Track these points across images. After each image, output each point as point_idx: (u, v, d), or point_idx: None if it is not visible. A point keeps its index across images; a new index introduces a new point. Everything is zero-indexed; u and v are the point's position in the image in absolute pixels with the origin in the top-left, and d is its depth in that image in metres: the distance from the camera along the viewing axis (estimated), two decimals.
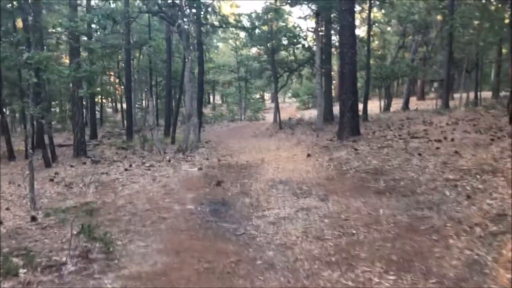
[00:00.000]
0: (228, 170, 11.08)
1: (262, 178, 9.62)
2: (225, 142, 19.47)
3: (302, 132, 20.11)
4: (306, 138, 17.67)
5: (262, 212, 6.79)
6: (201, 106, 17.94)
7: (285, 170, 10.54)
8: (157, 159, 12.54)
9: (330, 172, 9.65)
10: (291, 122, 26.26)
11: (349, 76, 13.35)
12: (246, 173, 10.56)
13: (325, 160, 11.17)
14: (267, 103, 55.73)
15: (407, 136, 14.32)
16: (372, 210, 6.40)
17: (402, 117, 24.73)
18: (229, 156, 13.96)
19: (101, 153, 15.65)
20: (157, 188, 8.72)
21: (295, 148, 15.02)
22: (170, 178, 9.71)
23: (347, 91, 13.38)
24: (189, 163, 11.79)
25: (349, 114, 13.43)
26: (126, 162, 12.80)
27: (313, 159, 11.95)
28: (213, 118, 36.89)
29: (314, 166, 10.77)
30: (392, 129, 17.74)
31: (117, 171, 11.12)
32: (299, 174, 9.76)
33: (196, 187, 8.76)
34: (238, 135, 23.70)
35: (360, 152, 11.00)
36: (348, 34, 13.25)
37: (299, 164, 11.27)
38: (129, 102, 19.57)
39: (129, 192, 8.49)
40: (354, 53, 13.43)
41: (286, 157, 12.99)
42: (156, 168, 11.20)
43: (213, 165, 11.76)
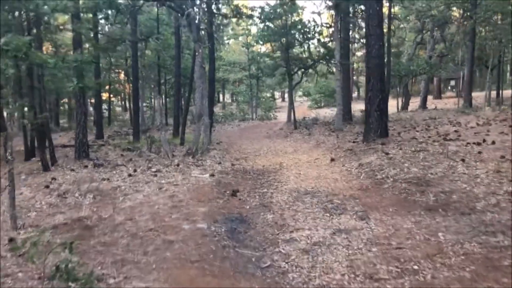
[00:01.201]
0: (244, 176, 9.86)
1: (283, 187, 8.38)
2: (237, 143, 18.25)
3: (319, 133, 18.82)
4: (325, 139, 16.39)
5: (290, 234, 5.55)
6: (212, 104, 16.72)
7: (308, 177, 9.29)
8: (165, 163, 11.34)
9: (362, 181, 8.39)
10: (306, 121, 24.95)
11: (376, 71, 12.04)
12: (264, 180, 9.33)
13: (354, 166, 9.91)
14: (277, 102, 54.57)
15: (439, 138, 13.04)
16: (429, 234, 5.13)
17: (425, 117, 23.41)
18: (243, 159, 12.74)
19: (105, 155, 14.48)
20: (163, 199, 7.51)
21: (314, 151, 13.76)
22: (179, 186, 8.50)
23: (374, 87, 12.07)
24: (199, 168, 10.58)
25: (376, 113, 12.13)
26: (131, 166, 11.61)
27: (339, 164, 10.68)
28: (223, 118, 35.69)
29: (341, 173, 9.50)
30: (418, 130, 16.45)
31: (120, 177, 9.92)
32: (326, 183, 8.50)
33: (208, 198, 7.54)
34: (251, 135, 22.48)
35: (393, 157, 9.70)
36: (375, 24, 11.94)
37: (324, 170, 10.01)
38: (136, 100, 18.42)
39: (131, 204, 7.29)
40: (381, 45, 12.13)
41: (306, 161, 11.74)
42: (163, 173, 9.99)
43: (226, 170, 10.55)
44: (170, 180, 9.12)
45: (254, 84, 38.95)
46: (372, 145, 11.69)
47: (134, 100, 18.68)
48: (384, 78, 12.38)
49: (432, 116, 23.26)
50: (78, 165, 12.51)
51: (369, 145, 11.84)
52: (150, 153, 14.03)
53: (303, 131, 20.52)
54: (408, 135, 14.74)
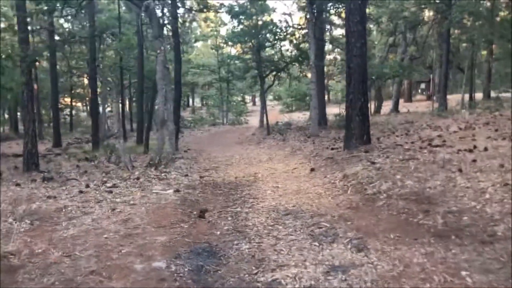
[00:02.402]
0: (214, 191, 8.61)
1: (260, 205, 7.18)
2: (207, 150, 16.99)
3: (294, 139, 17.76)
4: (301, 145, 15.31)
5: (272, 274, 4.33)
6: (178, 109, 15.40)
7: (287, 191, 8.13)
8: (123, 176, 9.97)
9: (350, 196, 7.27)
10: (279, 126, 23.87)
11: (358, 71, 11.01)
12: (237, 196, 8.11)
13: (337, 177, 8.80)
14: (248, 106, 53.57)
15: (423, 144, 12.13)
16: (449, 273, 4.02)
17: (400, 120, 22.71)
18: (213, 170, 11.49)
19: (58, 166, 12.97)
20: (115, 224, 6.19)
21: (291, 159, 12.64)
22: (136, 206, 7.18)
23: (356, 89, 11.04)
24: (163, 181, 9.26)
25: (358, 118, 11.10)
26: (85, 179, 10.20)
27: (320, 175, 9.57)
28: (192, 122, 34.34)
29: (324, 186, 8.38)
30: (398, 135, 15.58)
31: (69, 194, 8.51)
32: (309, 200, 7.35)
33: (171, 222, 6.27)
34: (221, 141, 21.24)
35: (380, 167, 8.64)
36: (356, 20, 10.91)
37: (304, 183, 8.88)
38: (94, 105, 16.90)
39: (75, 232, 5.94)
40: (364, 43, 11.11)
41: (283, 171, 10.59)
42: (120, 189, 8.64)
43: (193, 184, 9.28)
44: (127, 199, 7.79)
45: (225, 87, 37.80)
46: (355, 153, 10.63)
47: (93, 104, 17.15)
48: (367, 80, 11.38)
49: (408, 120, 22.56)
50: (25, 179, 11.00)
51: (351, 152, 10.78)
52: (109, 164, 12.64)
53: (277, 137, 19.43)
54: (389, 140, 13.82)
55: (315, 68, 17.79)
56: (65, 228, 6.21)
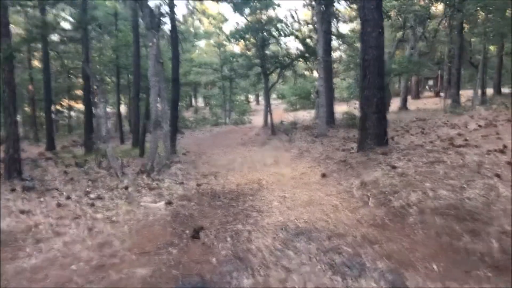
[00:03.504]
0: (212, 203, 7.47)
1: (265, 222, 6.03)
2: (208, 152, 15.85)
3: (301, 139, 16.59)
4: (308, 147, 14.14)
5: None
6: (176, 109, 14.25)
7: (297, 203, 6.98)
8: (111, 185, 8.86)
9: (373, 210, 6.11)
10: (284, 126, 22.70)
11: (374, 64, 9.83)
12: (239, 208, 6.96)
13: (354, 184, 7.64)
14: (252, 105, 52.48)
15: (444, 143, 10.99)
16: None
17: (412, 118, 21.56)
18: (212, 176, 10.34)
19: (44, 173, 11.87)
20: (89, 250, 5.08)
21: (299, 162, 11.49)
22: (118, 224, 6.06)
23: (371, 84, 9.87)
24: (154, 191, 8.13)
25: (375, 116, 9.92)
26: (68, 188, 9.11)
27: (332, 181, 8.41)
28: (194, 123, 33.21)
29: (339, 195, 7.22)
30: (413, 134, 14.43)
31: (46, 208, 7.41)
32: (323, 213, 6.20)
33: (157, 246, 5.15)
34: (223, 142, 20.09)
35: (404, 173, 7.48)
36: (372, 7, 9.74)
37: (315, 191, 7.72)
38: (87, 106, 15.80)
39: (38, 261, 4.84)
40: (381, 33, 9.91)
41: (291, 177, 9.43)
42: (104, 202, 7.53)
43: (189, 194, 8.13)
44: (109, 214, 6.67)
45: (227, 86, 36.67)
46: (371, 155, 9.46)
47: (85, 104, 16.07)
48: (384, 73, 10.21)
49: (420, 117, 21.40)
50: (5, 188, 9.91)
51: (367, 155, 9.61)
52: (99, 170, 11.53)
53: (282, 137, 18.27)
54: (405, 140, 12.67)
55: (323, 63, 16.60)
56: (28, 255, 5.11)
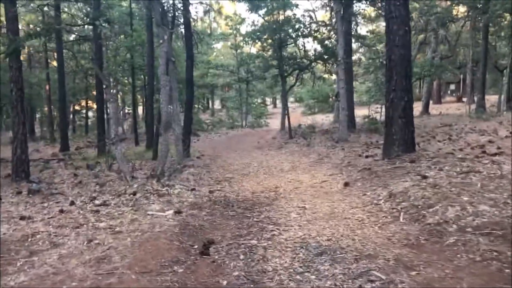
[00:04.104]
0: (224, 212, 6.87)
1: (283, 237, 5.41)
2: (223, 156, 15.28)
3: (320, 143, 15.93)
4: (328, 152, 13.47)
5: None
6: (190, 110, 13.70)
7: (318, 215, 6.34)
8: (118, 190, 8.33)
9: (405, 226, 5.43)
10: (302, 129, 22.04)
11: (400, 64, 9.15)
12: (253, 220, 6.35)
13: (381, 196, 6.97)
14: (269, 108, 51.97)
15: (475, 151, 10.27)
16: None
17: (436, 123, 20.73)
18: (226, 181, 9.76)
19: (53, 175, 11.43)
20: (84, 266, 4.53)
21: (318, 169, 10.83)
22: (121, 236, 5.50)
23: (398, 87, 9.19)
24: (163, 199, 7.56)
25: (401, 120, 9.23)
26: (74, 193, 8.62)
27: (357, 191, 7.75)
28: (210, 125, 32.74)
29: (365, 207, 6.56)
30: (440, 140, 13.68)
31: (47, 214, 6.91)
32: (348, 229, 5.55)
33: (161, 264, 4.57)
34: (239, 146, 19.53)
35: (437, 184, 6.78)
36: (399, 3, 9.07)
37: (338, 202, 7.07)
38: (100, 105, 15.37)
39: (26, 279, 4.30)
40: (407, 30, 9.23)
41: (310, 185, 8.79)
42: (109, 209, 6.99)
43: (200, 202, 7.55)
44: (113, 223, 6.12)
45: (244, 89, 36.17)
46: (398, 163, 8.77)
47: (98, 105, 15.65)
48: (411, 74, 9.52)
49: (445, 123, 20.55)
50: (11, 190, 9.49)
51: (393, 162, 8.92)
52: (110, 173, 11.05)
53: (300, 141, 17.63)
54: (432, 146, 11.93)
55: (344, 64, 15.92)
56: (18, 270, 4.58)
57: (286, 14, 21.83)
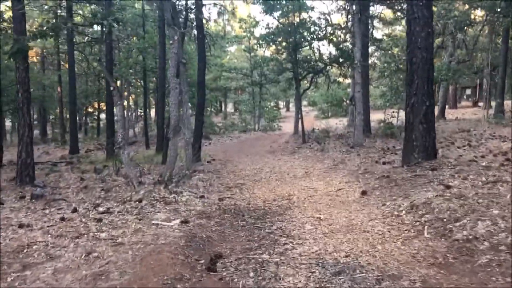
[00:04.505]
0: (234, 223, 6.46)
1: (297, 252, 4.98)
2: (234, 160, 14.88)
3: (334, 149, 15.44)
4: (343, 158, 12.99)
5: None
6: (202, 113, 13.30)
7: (334, 227, 5.89)
8: (124, 197, 7.96)
9: (430, 242, 4.96)
10: (316, 134, 21.56)
11: (422, 67, 8.66)
12: (265, 232, 5.92)
13: (401, 206, 6.48)
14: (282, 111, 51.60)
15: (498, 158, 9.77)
16: None
17: (454, 129, 20.09)
18: (237, 188, 9.35)
19: (59, 179, 11.13)
20: (79, 283, 4.15)
21: (333, 176, 10.36)
22: (122, 248, 5.12)
23: (419, 91, 8.70)
24: (169, 207, 7.17)
25: (422, 126, 8.74)
26: (77, 199, 8.28)
27: (375, 200, 7.28)
28: (223, 128, 32.39)
29: (385, 219, 6.08)
30: (460, 146, 13.12)
31: (47, 222, 6.56)
32: (368, 244, 5.10)
33: (163, 281, 4.16)
34: (251, 150, 19.12)
35: (462, 194, 6.29)
36: (422, 3, 8.59)
37: (355, 213, 6.61)
38: (109, 108, 15.08)
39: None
40: (430, 32, 8.74)
41: (325, 193, 8.34)
42: (112, 217, 6.62)
43: (209, 210, 7.14)
44: (115, 233, 5.74)
45: (257, 92, 35.80)
46: (419, 171, 8.28)
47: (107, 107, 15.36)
48: (433, 79, 9.03)
49: (463, 128, 19.92)
50: (14, 195, 9.20)
51: (413, 170, 8.43)
52: (116, 177, 10.71)
53: (314, 146, 17.16)
54: (451, 153, 11.38)
55: (360, 68, 15.43)
56: (8, 287, 4.20)
57: (301, 17, 21.43)
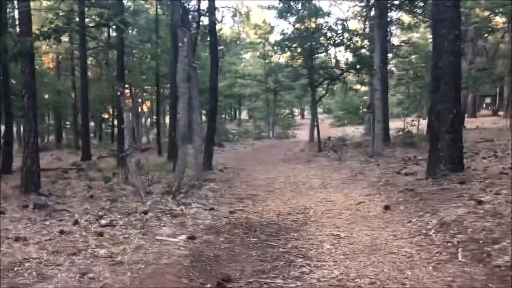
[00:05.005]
0: (245, 239, 5.92)
1: (314, 277, 4.43)
2: (247, 169, 14.36)
3: (352, 158, 14.86)
4: (362, 168, 12.40)
5: None
6: (214, 120, 12.82)
7: (356, 247, 5.32)
8: (130, 207, 7.50)
9: (467, 268, 4.38)
10: (332, 142, 20.97)
11: (449, 73, 8.09)
12: (279, 250, 5.38)
13: (431, 225, 5.88)
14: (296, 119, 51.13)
15: None
16: None
17: (476, 138, 19.34)
18: (249, 199, 8.83)
19: (66, 186, 10.73)
20: None
21: (352, 187, 9.78)
22: (121, 268, 4.63)
23: (446, 97, 8.12)
24: (176, 220, 6.68)
25: (449, 135, 8.15)
26: (81, 209, 7.84)
27: (400, 216, 6.68)
28: (236, 135, 31.99)
29: (412, 239, 5.49)
30: (485, 157, 12.44)
31: (46, 236, 6.11)
32: (395, 268, 4.52)
33: None
34: (265, 158, 18.61)
35: (497, 211, 5.69)
36: (449, 4, 8.03)
37: (379, 230, 6.03)
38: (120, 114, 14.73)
39: None
40: (458, 35, 8.17)
41: (344, 207, 7.77)
42: (115, 230, 6.15)
43: (219, 224, 6.63)
44: (115, 250, 5.25)
45: (272, 99, 35.37)
46: (446, 184, 7.68)
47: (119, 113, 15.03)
48: (460, 84, 8.43)
49: (485, 138, 19.17)
50: (17, 203, 8.78)
51: (440, 183, 7.83)
52: (125, 186, 10.30)
53: (330, 155, 16.59)
54: (477, 164, 10.72)
55: (380, 74, 14.85)
56: None
57: (317, 22, 20.95)
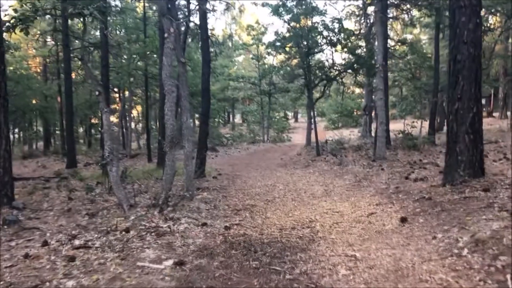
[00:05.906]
0: (243, 263, 4.98)
1: None
2: (243, 176, 13.43)
3: (354, 162, 13.96)
4: (366, 173, 11.52)
5: None
6: (207, 123, 11.83)
7: (378, 274, 4.40)
8: (109, 225, 6.55)
9: None
10: (331, 145, 20.10)
11: (469, 67, 7.22)
12: (286, 278, 4.45)
13: (462, 242, 4.97)
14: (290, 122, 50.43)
15: None
16: None
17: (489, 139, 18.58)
18: (247, 211, 7.90)
19: (44, 198, 9.75)
20: None
21: (358, 195, 8.89)
22: None
23: (465, 94, 7.25)
24: (162, 240, 5.73)
25: (468, 137, 7.28)
26: (55, 226, 6.88)
27: (420, 231, 5.77)
28: (230, 140, 31.04)
29: (445, 262, 4.58)
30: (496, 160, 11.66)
31: (9, 260, 5.16)
32: None
33: None
34: (261, 163, 17.69)
35: None
36: None
37: (401, 249, 5.12)
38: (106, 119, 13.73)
39: None
40: (479, 24, 7.31)
41: (354, 218, 6.86)
42: (90, 254, 5.21)
43: (212, 245, 5.69)
44: (86, 282, 4.30)
45: (266, 102, 34.52)
46: (468, 192, 6.80)
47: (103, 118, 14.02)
48: (481, 80, 7.57)
49: (489, 139, 18.39)
50: None
51: (460, 190, 6.95)
52: (108, 197, 9.35)
53: (329, 159, 15.71)
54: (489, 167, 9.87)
55: (382, 72, 14.00)
56: None
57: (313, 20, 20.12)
